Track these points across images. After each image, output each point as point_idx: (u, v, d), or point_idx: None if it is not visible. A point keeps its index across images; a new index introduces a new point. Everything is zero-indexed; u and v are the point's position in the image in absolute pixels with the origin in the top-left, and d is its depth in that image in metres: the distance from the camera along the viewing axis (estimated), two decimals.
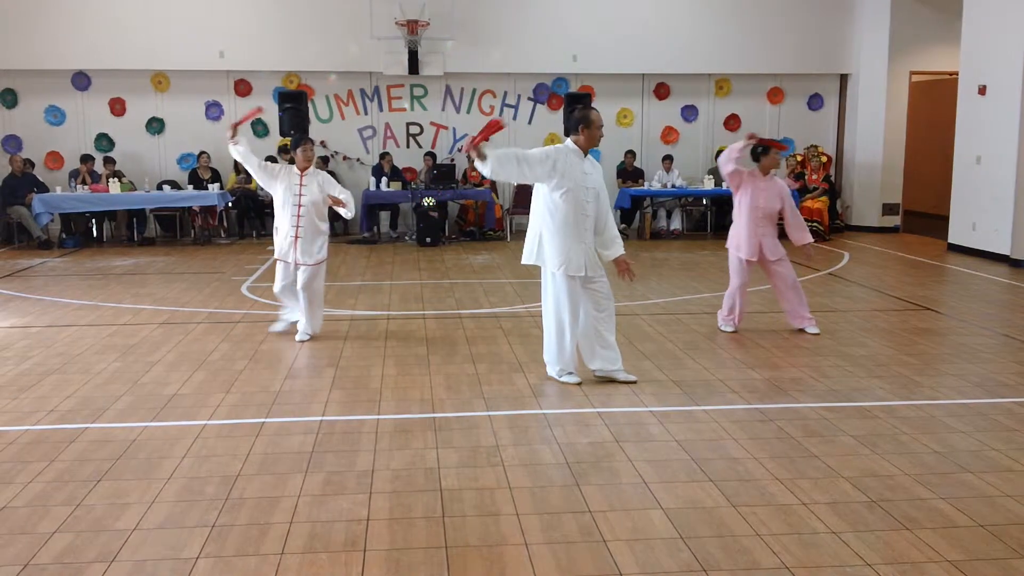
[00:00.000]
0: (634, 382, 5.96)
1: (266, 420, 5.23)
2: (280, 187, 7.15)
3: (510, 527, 3.79)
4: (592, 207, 5.80)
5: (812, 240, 7.60)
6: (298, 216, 7.11)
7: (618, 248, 5.89)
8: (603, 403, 5.54)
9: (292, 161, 7.27)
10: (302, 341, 7.18)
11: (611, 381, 5.98)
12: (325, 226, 7.29)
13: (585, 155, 5.83)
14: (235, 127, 7.09)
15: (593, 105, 13.54)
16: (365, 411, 5.41)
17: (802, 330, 7.50)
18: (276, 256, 7.25)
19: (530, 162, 5.64)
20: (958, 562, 3.48)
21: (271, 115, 14.33)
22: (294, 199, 7.11)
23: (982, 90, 12.00)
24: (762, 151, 7.49)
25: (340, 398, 5.68)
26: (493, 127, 5.52)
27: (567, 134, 5.91)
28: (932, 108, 15.87)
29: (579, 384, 5.91)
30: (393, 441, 4.87)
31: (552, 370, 6.06)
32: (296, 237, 7.12)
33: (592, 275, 5.83)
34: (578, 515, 3.91)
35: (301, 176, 7.16)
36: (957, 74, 12.78)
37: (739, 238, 7.46)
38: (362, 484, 4.26)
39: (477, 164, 5.57)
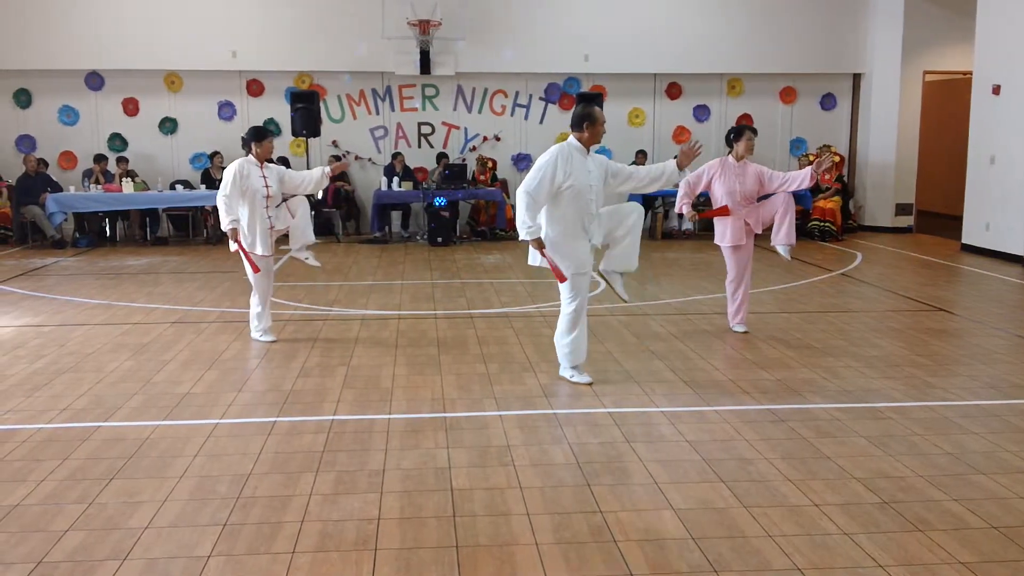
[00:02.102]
0: (626, 302, 6.29)
1: (277, 419, 5.25)
2: (248, 187, 6.99)
3: (521, 527, 3.79)
4: (596, 205, 5.80)
5: (811, 172, 7.07)
6: (267, 208, 7.07)
7: (669, 163, 5.93)
8: (614, 403, 5.53)
9: (251, 152, 7.09)
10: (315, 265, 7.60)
11: (628, 382, 5.97)
12: (280, 209, 7.28)
13: (588, 152, 5.82)
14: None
15: (599, 104, 13.57)
16: (376, 410, 5.42)
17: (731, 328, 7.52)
18: (261, 254, 7.06)
19: (541, 192, 5.63)
20: (970, 564, 3.46)
21: (283, 115, 14.38)
22: (263, 191, 7.03)
23: (996, 90, 11.94)
24: (734, 136, 7.34)
25: (351, 397, 5.69)
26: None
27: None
28: (946, 108, 15.81)
29: (590, 384, 5.91)
30: (404, 440, 4.88)
31: (565, 371, 6.05)
32: (271, 228, 7.11)
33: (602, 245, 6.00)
34: (589, 515, 3.90)
35: (261, 168, 7.08)
36: (971, 74, 12.72)
37: (723, 227, 7.35)
38: (373, 483, 4.27)
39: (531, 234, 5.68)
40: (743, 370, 6.32)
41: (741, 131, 7.31)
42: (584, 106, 5.88)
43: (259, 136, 7.07)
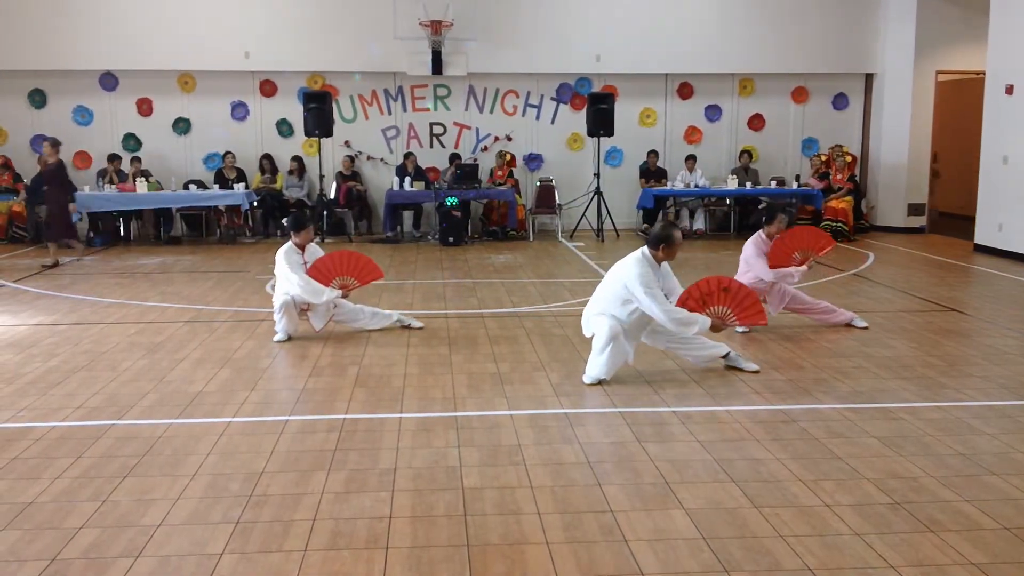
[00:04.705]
0: (756, 371, 6.23)
1: (290, 418, 5.27)
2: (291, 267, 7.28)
3: (531, 526, 3.80)
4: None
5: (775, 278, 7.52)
6: None
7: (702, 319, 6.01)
8: (625, 403, 5.53)
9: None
10: (418, 327, 7.67)
11: (638, 381, 5.98)
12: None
13: (659, 266, 6.00)
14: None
15: (609, 105, 13.63)
16: (388, 409, 5.44)
17: (850, 325, 7.67)
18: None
19: (659, 292, 5.86)
20: (983, 565, 3.45)
21: (296, 115, 14.44)
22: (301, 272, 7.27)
23: (1009, 90, 11.87)
24: (766, 219, 7.59)
25: (363, 396, 5.71)
26: None
27: (649, 244, 5.98)
28: (958, 108, 15.72)
29: (598, 384, 5.91)
30: (415, 439, 4.89)
31: (588, 377, 6.04)
32: (307, 310, 7.36)
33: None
34: (599, 515, 3.91)
35: (303, 253, 7.35)
36: (984, 73, 12.66)
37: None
38: (384, 482, 4.29)
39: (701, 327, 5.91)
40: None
41: (773, 214, 7.53)
42: (665, 227, 5.99)
43: (298, 226, 7.37)
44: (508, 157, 14.69)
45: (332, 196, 14.37)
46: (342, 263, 7.36)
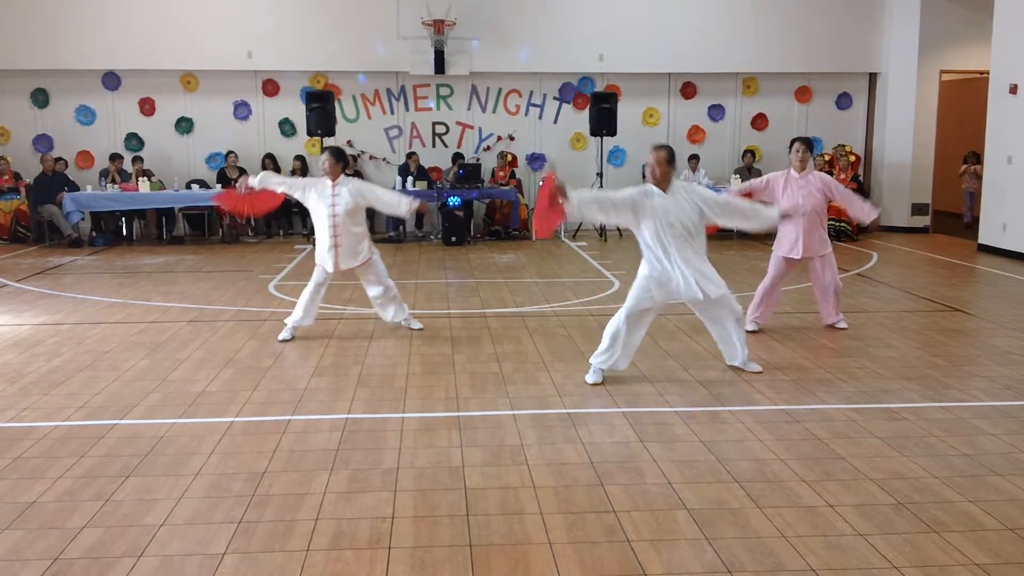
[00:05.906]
0: (759, 372, 6.18)
1: (292, 418, 5.27)
2: (313, 197, 7.17)
3: (534, 526, 3.79)
4: (680, 238, 5.77)
5: (874, 214, 7.33)
6: (334, 226, 7.13)
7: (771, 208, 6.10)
8: (628, 403, 5.53)
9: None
10: (417, 328, 7.61)
11: (641, 381, 5.97)
12: (361, 229, 7.26)
13: (666, 191, 5.77)
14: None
15: (612, 104, 13.67)
16: (390, 409, 5.43)
17: (832, 325, 7.61)
18: (317, 262, 7.28)
19: (615, 207, 5.74)
20: (986, 566, 3.44)
21: (299, 115, 14.45)
22: (328, 209, 7.12)
23: (1013, 89, 11.86)
24: (789, 148, 7.43)
25: (365, 396, 5.70)
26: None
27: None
28: (962, 108, 15.70)
29: (601, 383, 5.91)
30: (418, 439, 4.89)
31: (592, 376, 6.01)
32: (336, 246, 7.17)
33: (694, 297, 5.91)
34: (602, 515, 3.90)
35: (332, 186, 7.16)
36: (988, 73, 12.64)
37: (784, 236, 7.36)
38: (387, 482, 4.28)
39: (562, 202, 5.57)
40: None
41: (791, 144, 7.40)
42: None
43: (325, 153, 7.25)
44: (509, 157, 14.69)
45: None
46: (268, 202, 7.46)
